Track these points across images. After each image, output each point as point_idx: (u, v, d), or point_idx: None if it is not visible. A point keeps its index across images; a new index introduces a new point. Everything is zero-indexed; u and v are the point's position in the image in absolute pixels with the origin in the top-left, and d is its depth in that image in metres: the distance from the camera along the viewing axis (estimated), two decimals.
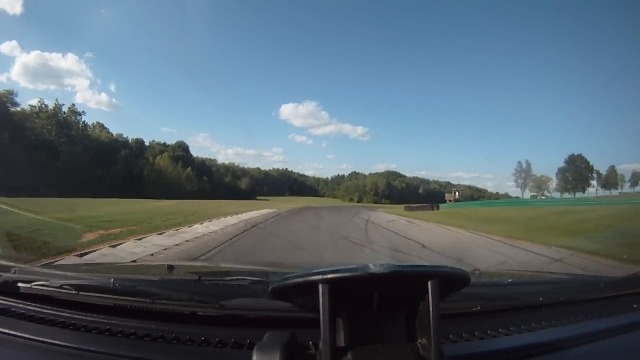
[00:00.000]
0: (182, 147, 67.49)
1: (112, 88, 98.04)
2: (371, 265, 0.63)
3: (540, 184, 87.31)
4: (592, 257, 6.86)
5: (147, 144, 63.45)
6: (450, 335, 0.91)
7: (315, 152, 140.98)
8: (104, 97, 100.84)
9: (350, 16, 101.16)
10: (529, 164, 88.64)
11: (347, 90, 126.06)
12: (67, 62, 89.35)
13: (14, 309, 1.07)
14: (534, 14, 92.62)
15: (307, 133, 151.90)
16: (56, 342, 0.90)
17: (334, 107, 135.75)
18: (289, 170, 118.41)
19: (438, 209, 33.86)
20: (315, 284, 0.65)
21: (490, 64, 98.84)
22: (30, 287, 1.11)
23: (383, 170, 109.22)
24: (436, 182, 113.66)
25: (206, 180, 63.83)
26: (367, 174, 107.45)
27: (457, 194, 60.65)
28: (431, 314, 0.65)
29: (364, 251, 8.08)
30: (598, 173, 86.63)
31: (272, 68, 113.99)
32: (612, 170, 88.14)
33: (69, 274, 1.25)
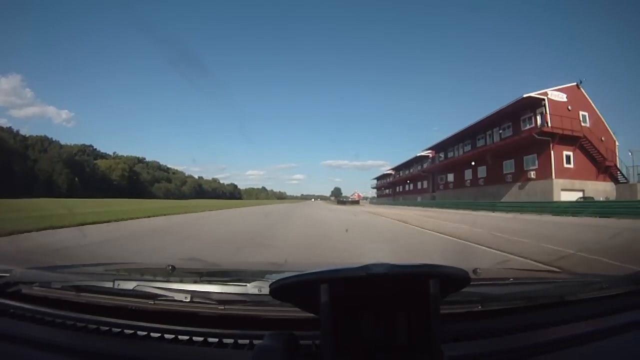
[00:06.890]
0: None
1: None
2: (371, 265, 0.63)
3: None
4: None
5: None
6: (450, 335, 0.91)
7: None
8: None
9: None
10: None
11: (56, 63, 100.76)
12: None
13: (14, 311, 1.07)
14: None
15: (6, 115, 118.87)
16: (56, 342, 0.90)
17: (40, 84, 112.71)
18: None
19: None
20: (315, 284, 0.65)
21: None
22: (31, 289, 1.11)
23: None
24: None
25: None
26: None
27: None
28: (431, 314, 0.65)
29: None
30: None
31: None
32: None
33: (70, 275, 1.25)
